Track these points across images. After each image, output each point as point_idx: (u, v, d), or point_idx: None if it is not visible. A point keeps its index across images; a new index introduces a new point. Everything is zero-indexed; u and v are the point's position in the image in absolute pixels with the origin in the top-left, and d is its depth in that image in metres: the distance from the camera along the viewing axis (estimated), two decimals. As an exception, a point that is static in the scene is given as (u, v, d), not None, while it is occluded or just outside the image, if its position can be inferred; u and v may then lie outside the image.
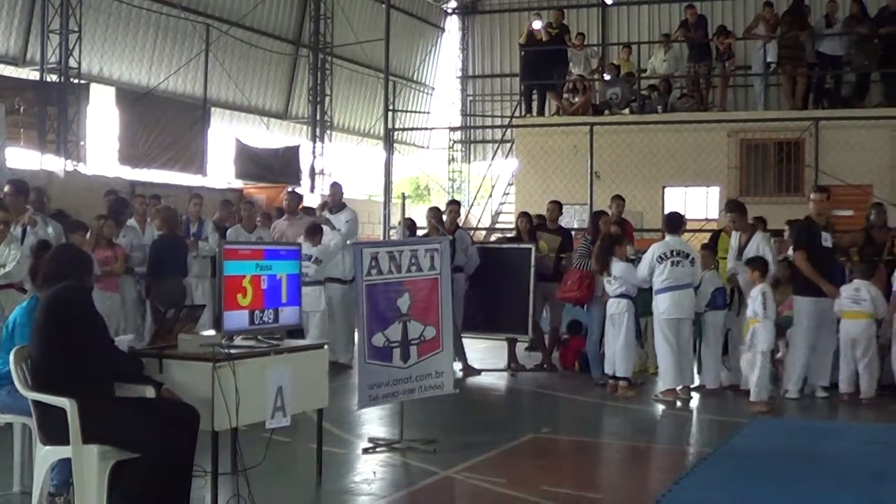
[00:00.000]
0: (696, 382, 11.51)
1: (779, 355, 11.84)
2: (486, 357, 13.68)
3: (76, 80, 18.39)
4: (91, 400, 5.52)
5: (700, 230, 13.82)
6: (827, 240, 11.10)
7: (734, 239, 11.60)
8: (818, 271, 10.95)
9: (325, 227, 12.38)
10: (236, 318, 6.64)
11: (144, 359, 6.11)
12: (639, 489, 7.46)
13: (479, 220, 21.15)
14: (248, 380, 6.15)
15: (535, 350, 13.67)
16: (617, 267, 11.14)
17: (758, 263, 10.74)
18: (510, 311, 12.78)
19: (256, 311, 6.77)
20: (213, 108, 22.18)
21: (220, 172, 22.14)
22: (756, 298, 10.48)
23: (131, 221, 12.37)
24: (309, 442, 7.36)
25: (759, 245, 11.27)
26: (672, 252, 11.00)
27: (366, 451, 8.14)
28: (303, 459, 7.37)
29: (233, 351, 6.25)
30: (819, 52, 17.89)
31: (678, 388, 10.86)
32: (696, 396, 11.19)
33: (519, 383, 12.44)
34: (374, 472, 7.46)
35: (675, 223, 11.45)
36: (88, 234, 10.84)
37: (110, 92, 19.79)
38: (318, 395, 7.11)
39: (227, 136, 22.68)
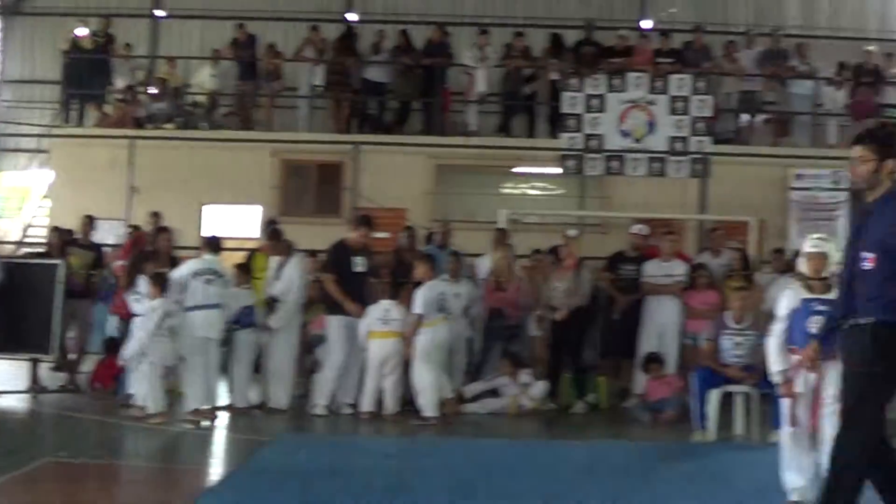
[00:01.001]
0: (226, 401, 11.47)
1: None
2: (6, 378, 12.77)
3: None
4: None
5: (239, 249, 13.82)
6: (359, 264, 11.54)
7: (273, 261, 11.79)
8: (346, 293, 11.35)
9: None
10: None
11: None
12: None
13: (8, 234, 19.85)
14: None
15: (60, 370, 13.02)
16: (144, 284, 10.87)
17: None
18: (34, 330, 12.15)
19: None
20: None
21: None
22: None
23: None
24: None
25: (293, 267, 11.64)
26: (207, 270, 10.94)
27: None
28: None
29: None
30: (365, 79, 18.44)
31: (205, 407, 10.73)
32: (224, 415, 11.14)
33: (41, 405, 11.83)
34: None
35: (214, 244, 11.44)
36: None
37: None
38: None
39: None
